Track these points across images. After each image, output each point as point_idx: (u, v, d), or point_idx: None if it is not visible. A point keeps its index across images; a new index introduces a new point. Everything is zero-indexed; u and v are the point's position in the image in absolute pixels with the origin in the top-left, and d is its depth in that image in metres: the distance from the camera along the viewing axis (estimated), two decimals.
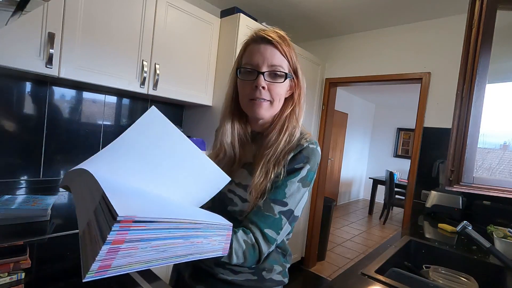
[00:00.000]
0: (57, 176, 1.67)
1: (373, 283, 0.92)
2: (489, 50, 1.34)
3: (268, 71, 0.70)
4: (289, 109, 0.75)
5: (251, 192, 0.68)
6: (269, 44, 0.70)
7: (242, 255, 0.61)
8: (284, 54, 0.71)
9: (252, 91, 0.70)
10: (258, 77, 0.69)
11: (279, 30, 0.73)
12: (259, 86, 0.69)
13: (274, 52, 0.70)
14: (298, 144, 0.71)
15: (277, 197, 0.67)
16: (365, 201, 6.63)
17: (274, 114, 0.75)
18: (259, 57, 0.70)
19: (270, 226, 0.65)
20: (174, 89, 1.81)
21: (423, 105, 2.33)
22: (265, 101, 0.71)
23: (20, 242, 0.89)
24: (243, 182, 0.72)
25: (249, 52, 0.72)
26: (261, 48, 0.70)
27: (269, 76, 0.70)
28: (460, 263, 1.24)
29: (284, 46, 0.71)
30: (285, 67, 0.71)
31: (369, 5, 2.24)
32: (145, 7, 1.61)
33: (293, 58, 0.73)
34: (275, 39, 0.70)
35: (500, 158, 1.55)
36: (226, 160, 0.76)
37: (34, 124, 1.56)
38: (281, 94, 0.72)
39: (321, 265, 3.10)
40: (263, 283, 0.73)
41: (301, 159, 0.69)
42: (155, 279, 0.79)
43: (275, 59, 0.70)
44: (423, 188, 2.27)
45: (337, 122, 5.40)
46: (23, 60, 1.23)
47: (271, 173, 0.68)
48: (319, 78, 2.93)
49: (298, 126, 0.75)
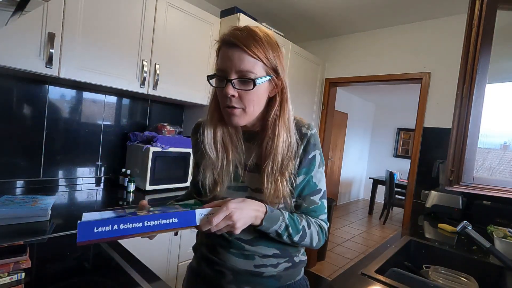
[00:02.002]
0: (57, 176, 1.67)
1: (373, 283, 0.92)
2: (489, 50, 1.34)
3: (236, 78, 0.65)
4: (277, 110, 0.70)
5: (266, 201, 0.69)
6: (236, 48, 0.64)
7: (317, 236, 0.73)
8: (255, 56, 0.64)
9: (224, 99, 0.67)
10: (227, 85, 0.65)
11: (252, 27, 0.67)
12: (228, 95, 0.65)
13: (243, 57, 0.64)
14: (303, 134, 0.73)
15: (311, 190, 0.75)
16: (365, 201, 6.63)
17: (252, 118, 0.71)
18: (227, 63, 0.65)
19: (320, 211, 0.76)
20: (174, 89, 1.81)
21: (423, 105, 2.33)
22: (237, 108, 0.67)
23: (20, 242, 0.89)
24: (260, 186, 0.71)
25: (220, 56, 0.68)
26: (229, 53, 0.65)
27: (238, 84, 0.66)
28: (460, 263, 1.24)
29: (255, 47, 0.64)
30: (257, 70, 0.65)
31: (369, 5, 2.24)
32: (145, 7, 1.61)
33: (269, 57, 0.66)
34: (241, 42, 0.63)
35: (501, 158, 1.55)
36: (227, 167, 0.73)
37: (34, 124, 1.56)
38: (255, 99, 0.68)
39: (321, 265, 3.10)
40: (296, 266, 0.80)
41: (311, 148, 0.73)
42: (155, 279, 0.79)
43: (243, 64, 0.64)
44: (423, 188, 2.27)
45: (337, 122, 5.40)
46: (23, 60, 1.23)
47: (282, 180, 0.69)
48: (319, 78, 2.93)
49: (289, 129, 0.71)
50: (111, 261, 0.88)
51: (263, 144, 0.71)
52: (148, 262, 0.92)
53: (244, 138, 0.76)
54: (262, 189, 0.70)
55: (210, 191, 0.74)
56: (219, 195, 0.73)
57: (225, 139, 0.74)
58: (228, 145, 0.74)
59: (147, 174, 1.74)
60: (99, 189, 1.81)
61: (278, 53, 0.69)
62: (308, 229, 0.71)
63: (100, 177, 1.85)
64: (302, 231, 0.70)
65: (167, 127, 2.01)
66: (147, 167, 1.73)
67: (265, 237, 0.72)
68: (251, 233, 0.73)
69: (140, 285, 0.75)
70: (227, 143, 0.74)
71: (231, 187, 0.75)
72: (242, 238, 0.74)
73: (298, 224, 0.70)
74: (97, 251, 0.97)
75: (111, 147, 1.90)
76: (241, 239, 0.74)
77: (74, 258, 0.90)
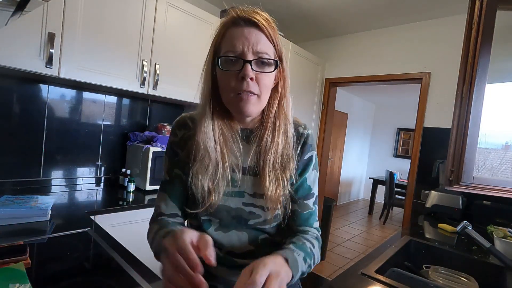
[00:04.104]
0: (57, 176, 1.67)
1: (373, 283, 0.92)
2: (489, 50, 1.34)
3: (254, 59, 0.59)
4: (277, 103, 0.66)
5: (267, 203, 0.65)
6: (253, 27, 0.60)
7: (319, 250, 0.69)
8: (270, 39, 0.61)
9: (239, 84, 0.60)
10: (245, 66, 0.58)
11: (261, 10, 0.63)
12: (247, 77, 0.58)
13: (260, 37, 0.60)
14: (300, 134, 0.70)
15: (305, 193, 0.71)
16: (365, 201, 6.63)
17: (261, 109, 0.65)
18: (243, 43, 0.59)
19: (314, 219, 0.72)
20: (174, 89, 1.81)
21: (423, 105, 2.33)
22: (253, 95, 0.61)
23: (20, 242, 0.89)
24: (259, 191, 0.66)
25: (230, 37, 0.61)
26: (244, 32, 0.59)
27: (256, 65, 0.60)
28: (460, 263, 1.24)
29: (270, 29, 0.61)
30: (271, 54, 0.61)
31: (369, 5, 2.24)
32: (145, 7, 1.61)
33: (279, 44, 0.63)
34: (260, 21, 0.60)
35: (502, 158, 1.55)
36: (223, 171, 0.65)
37: (34, 124, 1.56)
38: (269, 86, 0.63)
39: (321, 265, 3.10)
40: None
41: (308, 148, 0.71)
42: (155, 279, 0.79)
43: (261, 44, 0.59)
44: (423, 188, 2.27)
45: (337, 122, 5.40)
46: (23, 60, 1.23)
47: (283, 178, 0.65)
48: (319, 78, 2.93)
49: (289, 122, 0.67)
50: (111, 261, 0.88)
51: (263, 141, 0.66)
52: (148, 262, 0.92)
53: (242, 138, 0.69)
54: (263, 192, 0.65)
55: (203, 200, 0.65)
56: (214, 205, 0.65)
57: (221, 137, 0.66)
58: (224, 144, 0.66)
59: (147, 174, 1.74)
60: (99, 189, 1.81)
61: (282, 43, 0.66)
62: (314, 249, 0.66)
63: (100, 177, 1.85)
64: (311, 254, 0.64)
65: (167, 127, 2.01)
66: (147, 167, 1.73)
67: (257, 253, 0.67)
68: (244, 247, 0.68)
69: (140, 285, 0.75)
70: (223, 142, 0.66)
71: (226, 193, 0.67)
72: (234, 252, 0.68)
73: (306, 248, 0.63)
74: (97, 251, 0.97)
75: (111, 147, 1.90)
76: (233, 253, 0.68)
77: (74, 258, 0.89)
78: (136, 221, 1.47)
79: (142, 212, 1.51)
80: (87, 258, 0.93)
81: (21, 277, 0.69)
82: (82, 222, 1.22)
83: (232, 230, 0.69)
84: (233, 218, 0.68)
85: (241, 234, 0.69)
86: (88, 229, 1.11)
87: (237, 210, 0.67)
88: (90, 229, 1.12)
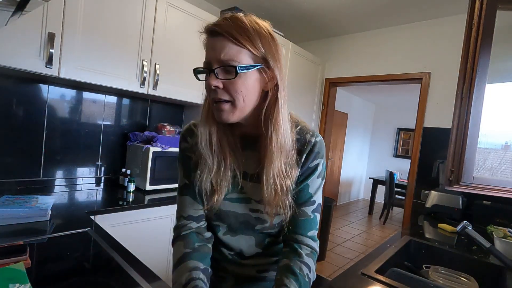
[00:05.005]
0: (57, 176, 1.67)
1: (373, 283, 0.92)
2: (489, 50, 1.34)
3: (219, 66, 0.59)
4: (270, 105, 0.63)
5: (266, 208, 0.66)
6: (219, 36, 0.59)
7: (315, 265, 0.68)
8: (238, 43, 0.58)
9: (211, 93, 0.62)
10: (209, 76, 0.60)
11: (237, 15, 0.61)
12: (211, 86, 0.59)
13: (225, 44, 0.58)
14: (307, 141, 0.68)
15: (305, 199, 0.69)
16: (365, 201, 6.62)
17: (244, 114, 0.63)
18: (210, 53, 0.60)
19: (311, 227, 0.69)
20: (174, 89, 1.81)
21: (423, 105, 2.33)
22: (225, 102, 0.61)
23: (20, 242, 0.89)
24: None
25: (206, 48, 0.63)
26: (212, 42, 0.60)
27: (221, 73, 0.59)
28: (460, 263, 1.24)
29: (238, 34, 0.57)
30: (242, 59, 0.58)
31: (369, 5, 2.24)
32: (145, 7, 1.61)
33: (256, 45, 0.59)
34: (223, 29, 0.58)
35: (502, 158, 1.55)
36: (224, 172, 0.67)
37: (34, 124, 1.56)
38: (242, 90, 0.60)
39: (321, 265, 3.10)
40: None
41: (314, 156, 0.68)
42: (155, 279, 0.79)
43: (225, 52, 0.58)
44: (423, 188, 2.27)
45: (337, 122, 5.40)
46: (23, 60, 1.23)
47: (282, 185, 0.64)
48: (319, 78, 2.93)
49: (284, 126, 0.64)
50: (111, 261, 0.88)
51: (261, 147, 0.65)
52: (148, 262, 0.92)
53: (244, 145, 0.69)
54: (263, 198, 0.65)
55: (207, 199, 0.68)
56: (217, 206, 0.68)
57: (222, 141, 0.67)
58: (225, 148, 0.67)
59: (147, 174, 1.74)
60: (99, 189, 1.81)
61: (269, 43, 0.62)
62: (310, 273, 0.66)
63: (100, 177, 1.85)
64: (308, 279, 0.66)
65: (167, 127, 2.01)
66: (147, 167, 1.73)
67: (264, 254, 0.73)
68: (252, 250, 0.74)
69: (140, 285, 0.75)
70: (224, 145, 0.67)
71: (232, 199, 0.70)
72: (243, 254, 0.75)
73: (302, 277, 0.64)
74: (97, 251, 0.97)
75: (111, 147, 1.90)
76: (242, 255, 0.75)
77: (74, 258, 0.89)
78: (136, 221, 1.48)
79: (142, 212, 1.51)
80: (87, 258, 0.93)
81: (21, 277, 0.69)
82: (82, 222, 1.21)
83: (240, 234, 0.73)
84: (241, 223, 0.72)
85: (248, 239, 0.73)
86: (88, 229, 1.11)
87: (244, 215, 0.70)
88: (90, 229, 1.12)
